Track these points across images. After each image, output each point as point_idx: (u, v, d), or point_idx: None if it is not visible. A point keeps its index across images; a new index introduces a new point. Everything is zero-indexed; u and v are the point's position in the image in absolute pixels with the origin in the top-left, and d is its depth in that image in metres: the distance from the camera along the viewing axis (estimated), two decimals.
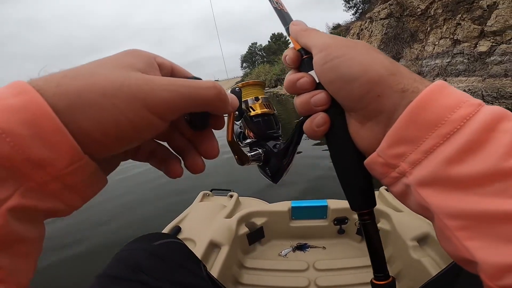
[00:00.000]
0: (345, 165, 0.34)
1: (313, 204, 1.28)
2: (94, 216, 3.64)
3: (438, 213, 0.23)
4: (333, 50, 0.29)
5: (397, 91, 0.26)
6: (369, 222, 0.35)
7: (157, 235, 0.67)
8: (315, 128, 0.32)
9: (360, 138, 0.31)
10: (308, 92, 0.33)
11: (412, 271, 0.95)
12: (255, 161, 0.42)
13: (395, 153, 0.26)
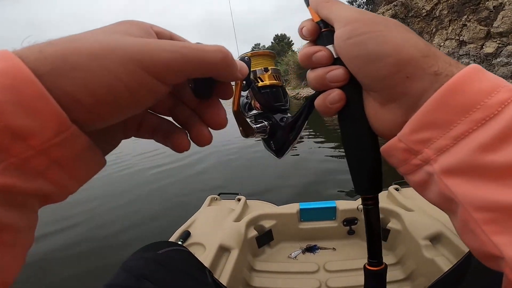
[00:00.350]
0: (356, 146, 0.32)
1: (321, 205, 1.27)
2: (98, 219, 3.68)
3: (464, 204, 0.21)
4: (361, 25, 0.27)
5: (430, 73, 0.24)
6: (372, 207, 0.34)
7: (162, 243, 0.67)
8: (328, 104, 0.31)
9: (377, 120, 0.29)
10: (324, 67, 0.31)
11: (425, 270, 0.93)
12: (260, 133, 0.40)
13: (419, 138, 0.24)
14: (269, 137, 0.41)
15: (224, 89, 0.28)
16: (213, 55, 0.22)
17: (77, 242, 3.19)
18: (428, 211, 1.13)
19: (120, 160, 6.49)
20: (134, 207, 4.03)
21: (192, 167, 5.70)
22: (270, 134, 0.41)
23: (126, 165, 6.26)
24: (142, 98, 0.20)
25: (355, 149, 0.33)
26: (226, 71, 0.24)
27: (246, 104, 0.43)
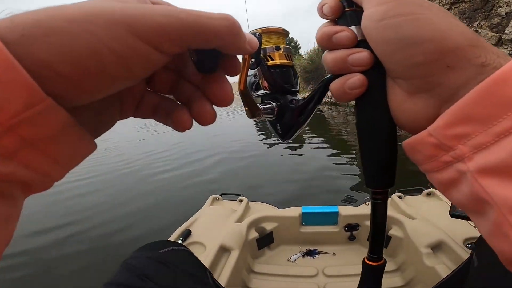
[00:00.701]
0: (373, 135, 0.30)
1: (324, 210, 1.27)
2: (100, 218, 3.71)
3: (500, 207, 0.20)
4: (398, 6, 0.24)
5: (476, 64, 0.22)
6: (380, 202, 0.33)
7: (163, 242, 0.68)
8: (347, 90, 0.28)
9: (401, 110, 0.27)
10: (345, 49, 0.28)
11: (425, 278, 0.93)
12: (268, 115, 0.38)
13: (455, 133, 0.22)
14: (276, 119, 0.39)
15: (230, 64, 0.25)
16: (217, 23, 0.19)
17: (77, 239, 3.23)
18: (430, 219, 1.12)
19: (122, 158, 6.56)
20: (134, 205, 4.06)
21: (195, 167, 5.72)
22: (278, 116, 0.38)
23: (127, 162, 6.32)
24: (135, 67, 0.18)
25: (371, 139, 0.30)
26: (232, 41, 0.21)
27: (254, 84, 0.41)
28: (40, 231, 3.33)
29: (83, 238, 3.17)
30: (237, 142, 7.53)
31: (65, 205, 4.00)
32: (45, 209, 3.80)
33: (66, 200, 4.15)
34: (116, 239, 2.97)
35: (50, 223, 3.48)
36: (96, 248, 2.86)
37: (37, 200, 4.28)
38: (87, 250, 2.85)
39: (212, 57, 0.23)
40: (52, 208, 3.86)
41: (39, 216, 3.58)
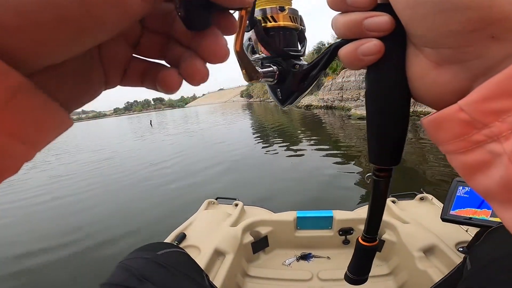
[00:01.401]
0: (385, 108, 0.27)
1: (318, 214, 1.28)
2: (97, 218, 3.68)
3: None
4: None
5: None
6: (383, 179, 0.31)
7: (160, 244, 0.68)
8: (360, 56, 0.24)
9: (425, 82, 0.23)
10: (361, 11, 0.24)
11: (418, 281, 0.94)
12: (267, 78, 0.35)
13: (493, 108, 0.19)
14: (277, 83, 0.36)
15: (224, 19, 0.22)
16: None
17: (71, 239, 3.20)
18: (423, 223, 1.14)
19: (121, 170, 6.52)
20: (129, 207, 4.04)
21: (190, 170, 5.71)
22: (279, 80, 0.36)
23: (120, 165, 6.27)
24: (106, 15, 0.14)
25: (381, 111, 0.27)
26: None
27: (248, 47, 0.37)
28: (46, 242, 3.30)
29: (73, 237, 3.16)
30: (237, 143, 7.54)
31: (69, 219, 3.92)
32: (49, 223, 3.75)
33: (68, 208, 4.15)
34: (107, 242, 2.96)
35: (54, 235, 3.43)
36: (84, 248, 2.86)
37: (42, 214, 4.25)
38: (73, 250, 2.84)
39: (203, 11, 0.20)
40: (55, 220, 3.82)
41: (43, 227, 3.57)
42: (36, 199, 4.92)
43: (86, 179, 5.89)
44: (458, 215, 0.82)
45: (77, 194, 4.88)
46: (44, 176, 6.95)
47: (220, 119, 19.40)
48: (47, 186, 5.83)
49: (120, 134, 19.35)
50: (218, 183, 4.55)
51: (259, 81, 0.34)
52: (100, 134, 23.21)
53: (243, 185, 4.18)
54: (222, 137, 10.01)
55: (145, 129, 20.13)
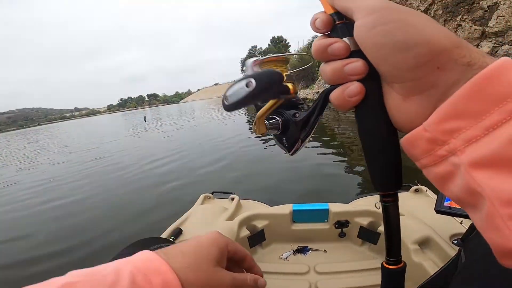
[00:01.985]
0: (376, 141, 0.31)
1: (314, 207, 1.28)
2: (94, 216, 3.66)
3: (492, 199, 0.21)
4: (387, 13, 0.26)
5: (462, 64, 0.23)
6: (391, 204, 0.33)
7: (154, 239, 0.67)
8: (346, 97, 0.29)
9: (399, 113, 0.28)
10: (340, 59, 0.30)
11: (413, 274, 0.95)
12: (273, 130, 0.40)
13: (447, 128, 0.23)
14: (282, 133, 0.40)
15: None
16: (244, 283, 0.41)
17: (66, 235, 3.19)
18: (418, 215, 1.14)
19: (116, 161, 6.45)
20: (125, 202, 4.02)
21: (185, 165, 5.69)
22: (283, 130, 0.40)
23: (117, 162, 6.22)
24: None
25: (374, 144, 0.31)
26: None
27: None
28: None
29: (67, 233, 3.15)
30: (232, 137, 7.51)
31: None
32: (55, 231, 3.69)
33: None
34: (102, 237, 2.95)
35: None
36: (78, 243, 2.84)
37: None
38: (68, 246, 2.83)
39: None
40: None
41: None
42: (30, 200, 4.88)
43: (79, 179, 5.84)
44: (452, 207, 0.82)
45: (70, 196, 4.84)
46: (35, 177, 6.88)
47: (215, 114, 19.30)
48: (39, 187, 5.77)
49: (113, 132, 19.18)
50: (214, 177, 4.55)
51: (266, 133, 0.39)
52: (93, 133, 23.00)
53: (238, 179, 4.18)
54: (218, 132, 9.99)
55: (139, 126, 19.98)
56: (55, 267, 2.55)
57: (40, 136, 29.99)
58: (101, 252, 2.65)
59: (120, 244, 2.69)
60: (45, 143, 16.88)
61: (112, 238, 2.93)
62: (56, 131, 39.19)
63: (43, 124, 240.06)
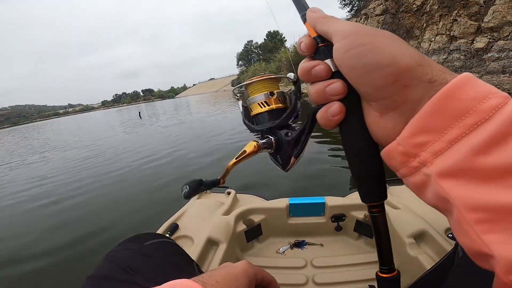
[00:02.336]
0: (359, 156, 0.33)
1: (310, 201, 1.28)
2: (89, 211, 3.65)
3: (457, 205, 0.23)
4: (358, 37, 0.29)
5: (425, 81, 0.26)
6: (378, 214, 0.35)
7: (148, 235, 0.67)
8: (329, 117, 0.32)
9: (377, 129, 0.30)
10: (323, 80, 0.32)
11: (409, 268, 0.95)
12: (266, 149, 0.42)
13: (417, 142, 0.25)
14: (276, 151, 0.43)
15: None
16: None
17: (61, 228, 3.17)
18: (413, 209, 1.15)
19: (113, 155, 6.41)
20: (121, 197, 4.01)
21: (181, 159, 5.68)
22: (276, 148, 0.42)
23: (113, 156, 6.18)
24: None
25: (358, 159, 0.33)
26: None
27: (254, 117, 0.45)
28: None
29: (62, 226, 3.14)
30: (228, 131, 7.49)
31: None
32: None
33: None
34: (99, 233, 2.94)
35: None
36: (73, 239, 2.83)
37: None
38: (65, 242, 2.82)
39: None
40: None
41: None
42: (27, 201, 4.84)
43: (71, 176, 5.79)
44: None
45: (64, 193, 4.81)
46: (28, 175, 6.79)
47: (211, 109, 19.23)
48: (35, 185, 5.72)
49: (107, 128, 19.03)
50: (209, 171, 4.54)
51: (261, 151, 0.42)
52: (88, 129, 22.82)
53: (235, 173, 4.17)
54: (214, 126, 9.96)
55: (135, 121, 19.86)
56: (50, 264, 2.53)
57: (33, 134, 29.70)
58: (96, 248, 2.65)
59: (115, 239, 2.69)
60: (37, 143, 16.66)
61: (107, 234, 2.92)
62: (49, 128, 38.89)
63: (36, 121, 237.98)
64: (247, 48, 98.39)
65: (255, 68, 51.46)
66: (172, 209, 1.39)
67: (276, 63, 34.98)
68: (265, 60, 61.05)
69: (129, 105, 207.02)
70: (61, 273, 2.37)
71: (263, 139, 0.42)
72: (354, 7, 21.63)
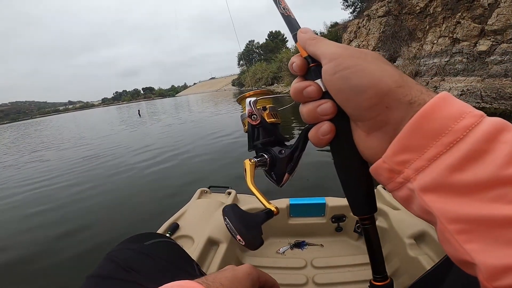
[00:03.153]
0: (349, 172, 0.35)
1: (311, 201, 1.28)
2: (89, 210, 3.65)
3: (439, 217, 0.24)
4: (344, 60, 0.30)
5: (405, 103, 0.27)
6: (369, 226, 0.36)
7: (148, 234, 0.67)
8: (320, 136, 0.34)
9: (365, 147, 0.32)
10: (314, 100, 0.34)
11: (409, 268, 0.95)
12: (261, 166, 0.43)
13: (400, 160, 0.27)
14: (270, 169, 0.44)
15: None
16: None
17: (59, 231, 3.17)
18: None
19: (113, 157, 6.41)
20: (123, 201, 4.01)
21: (183, 159, 5.68)
22: (270, 166, 0.43)
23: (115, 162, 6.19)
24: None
25: (348, 176, 0.35)
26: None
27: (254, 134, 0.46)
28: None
29: (64, 227, 3.13)
30: (229, 133, 7.49)
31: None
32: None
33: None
34: (99, 233, 2.94)
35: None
36: (75, 239, 2.83)
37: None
38: (67, 241, 2.82)
39: None
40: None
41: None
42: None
43: (69, 175, 5.78)
44: None
45: (63, 192, 4.81)
46: (25, 175, 6.75)
47: (212, 109, 19.23)
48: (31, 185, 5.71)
49: (105, 126, 19.04)
50: (210, 171, 4.54)
51: (256, 169, 0.42)
52: (87, 127, 22.85)
53: (235, 173, 4.18)
54: (215, 126, 9.97)
55: (135, 120, 19.86)
56: (50, 265, 2.54)
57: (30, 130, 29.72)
58: (97, 247, 2.65)
59: (116, 239, 2.69)
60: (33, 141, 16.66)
61: (107, 234, 2.92)
62: (47, 125, 38.88)
63: (36, 117, 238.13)
64: (248, 48, 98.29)
65: (255, 68, 51.48)
66: (173, 209, 1.39)
67: (277, 63, 34.98)
68: (266, 60, 61.04)
69: (129, 102, 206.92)
70: (61, 273, 2.38)
71: (258, 157, 0.43)
72: (357, 8, 21.64)
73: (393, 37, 11.14)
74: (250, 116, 0.44)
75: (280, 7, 0.41)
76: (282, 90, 24.24)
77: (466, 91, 6.92)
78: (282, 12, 0.40)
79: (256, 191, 0.41)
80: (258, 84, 46.49)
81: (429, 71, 8.77)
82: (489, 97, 6.41)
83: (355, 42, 14.14)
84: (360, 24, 14.36)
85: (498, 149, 0.23)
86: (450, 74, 7.96)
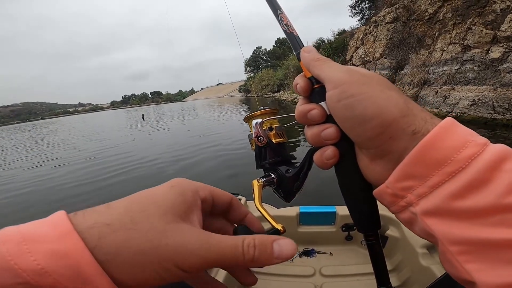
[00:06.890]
0: (352, 194, 0.36)
1: (321, 210, 1.27)
2: None
3: (441, 239, 0.26)
4: (348, 88, 0.30)
5: (408, 133, 0.28)
6: (374, 242, 0.37)
7: None
8: (325, 160, 0.34)
9: (368, 172, 0.33)
10: (318, 124, 0.34)
11: (421, 278, 0.94)
12: (269, 185, 0.44)
13: (403, 186, 0.28)
14: (277, 187, 0.45)
15: (243, 276, 0.34)
16: (232, 256, 0.26)
17: None
18: None
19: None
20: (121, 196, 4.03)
21: (193, 166, 5.71)
22: (278, 184, 0.44)
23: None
24: (169, 280, 0.25)
25: (352, 197, 0.36)
26: (246, 265, 0.28)
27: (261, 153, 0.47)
28: None
29: None
30: (239, 140, 7.51)
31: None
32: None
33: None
34: None
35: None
36: None
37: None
38: None
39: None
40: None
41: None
42: None
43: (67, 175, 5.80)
44: None
45: (62, 191, 4.86)
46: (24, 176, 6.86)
47: (218, 113, 19.33)
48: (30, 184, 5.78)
49: (111, 130, 19.26)
50: (220, 179, 4.55)
51: (264, 188, 0.43)
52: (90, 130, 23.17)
53: (246, 181, 4.18)
54: (222, 132, 10.00)
55: (139, 124, 20.03)
56: None
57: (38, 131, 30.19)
58: None
59: None
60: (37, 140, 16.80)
61: None
62: (54, 126, 39.33)
63: (46, 118, 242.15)
64: (255, 54, 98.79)
65: (262, 75, 51.66)
66: None
67: (283, 70, 35.02)
68: (272, 66, 61.21)
69: (137, 106, 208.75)
70: None
71: (265, 176, 0.44)
72: (365, 16, 21.65)
73: (401, 44, 11.00)
74: (257, 137, 0.45)
75: (283, 24, 0.40)
76: (287, 98, 24.26)
77: (477, 101, 6.74)
78: (284, 29, 0.40)
79: (264, 212, 0.41)
80: (264, 91, 46.60)
81: (439, 79, 8.49)
82: (501, 107, 6.23)
83: (362, 49, 14.06)
84: (367, 30, 14.29)
85: (500, 178, 0.24)
86: (460, 82, 7.69)
